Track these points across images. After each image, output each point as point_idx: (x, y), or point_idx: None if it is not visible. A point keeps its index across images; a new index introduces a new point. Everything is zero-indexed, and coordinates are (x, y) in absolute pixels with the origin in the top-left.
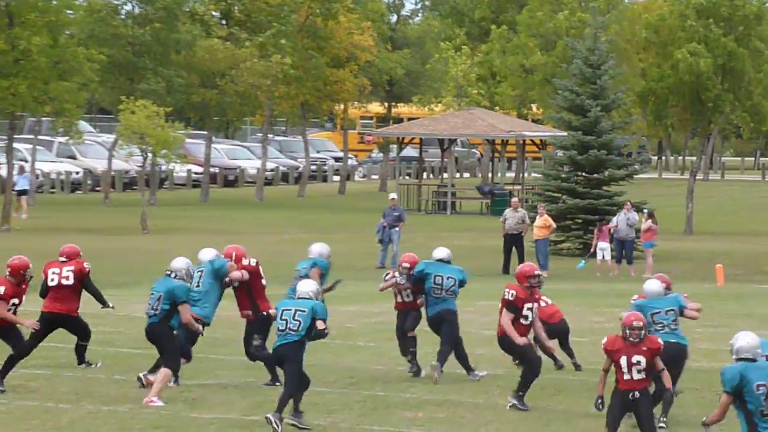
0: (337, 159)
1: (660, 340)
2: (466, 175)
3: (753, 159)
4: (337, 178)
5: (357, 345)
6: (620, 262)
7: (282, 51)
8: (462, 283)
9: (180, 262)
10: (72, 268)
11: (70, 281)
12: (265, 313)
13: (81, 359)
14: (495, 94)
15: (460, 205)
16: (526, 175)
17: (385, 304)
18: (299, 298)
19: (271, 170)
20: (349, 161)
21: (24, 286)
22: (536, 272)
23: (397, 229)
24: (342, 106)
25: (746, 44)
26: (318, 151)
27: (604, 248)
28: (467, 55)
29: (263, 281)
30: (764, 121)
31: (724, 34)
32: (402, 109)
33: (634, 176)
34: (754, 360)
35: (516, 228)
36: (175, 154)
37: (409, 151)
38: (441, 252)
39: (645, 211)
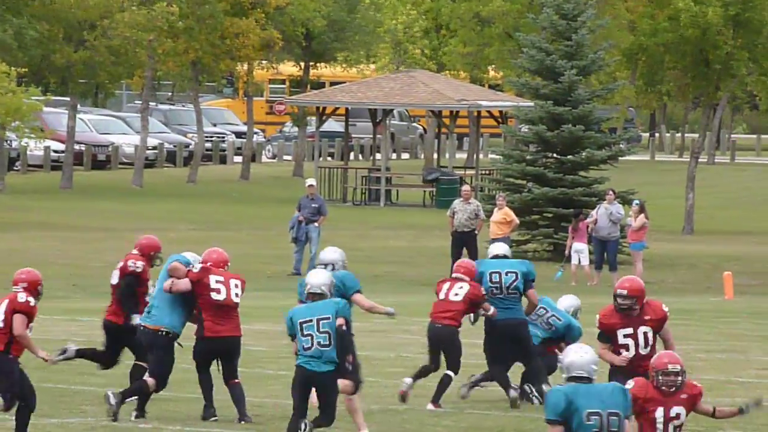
0: (238, 134)
1: (697, 384)
2: (405, 156)
3: None
4: (239, 159)
5: (264, 374)
6: (601, 267)
7: None
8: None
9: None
10: None
11: None
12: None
13: None
14: (442, 53)
15: (397, 195)
16: (481, 156)
17: None
18: (313, 295)
19: (154, 148)
20: (255, 137)
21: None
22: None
23: (316, 224)
24: (245, 67)
25: None
26: (215, 124)
27: (580, 250)
28: (408, 0)
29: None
30: None
31: None
32: (323, 70)
33: (620, 158)
34: (589, 380)
35: (467, 224)
36: (30, 127)
37: (333, 125)
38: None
39: (636, 203)
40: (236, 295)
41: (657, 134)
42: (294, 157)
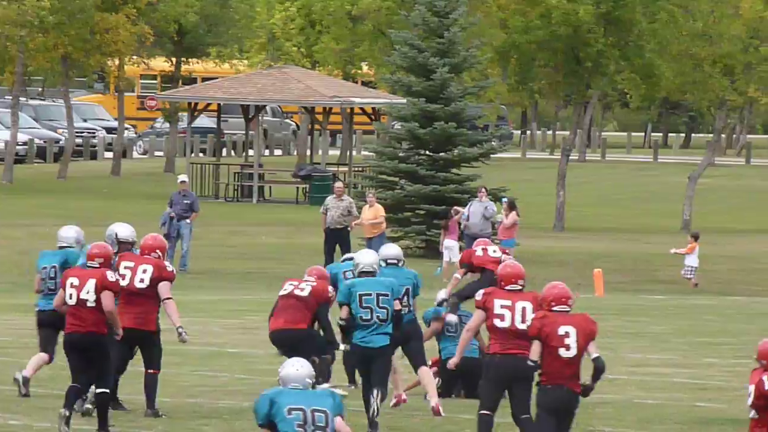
0: (109, 130)
1: None
2: (278, 152)
3: (642, 134)
4: (109, 154)
5: (132, 370)
6: None
7: None
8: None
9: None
10: None
11: None
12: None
13: None
14: (316, 50)
15: (269, 191)
16: (354, 153)
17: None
18: (366, 273)
19: (24, 144)
20: (126, 133)
21: None
22: None
23: (188, 221)
24: (116, 62)
25: None
26: (85, 120)
27: (450, 247)
28: None
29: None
30: (659, 84)
31: None
32: (195, 66)
33: (492, 156)
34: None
35: (340, 221)
36: None
37: (205, 121)
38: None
39: (505, 200)
40: (140, 280)
41: (528, 132)
42: (165, 153)
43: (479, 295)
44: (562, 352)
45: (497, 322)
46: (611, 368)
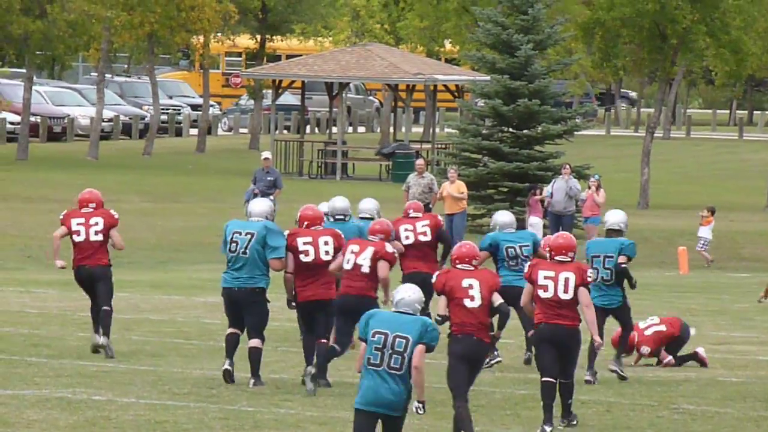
0: (194, 107)
1: None
2: (362, 129)
3: (727, 112)
4: (194, 131)
5: (218, 347)
6: None
7: None
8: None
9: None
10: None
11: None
12: None
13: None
14: (399, 27)
15: (353, 168)
16: (437, 130)
17: None
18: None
19: (109, 120)
20: (211, 110)
21: None
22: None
23: (271, 197)
24: (201, 39)
25: None
26: (170, 97)
27: (534, 224)
28: None
29: None
30: (745, 61)
31: None
32: (279, 43)
33: (575, 133)
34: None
35: (421, 198)
36: None
37: (289, 98)
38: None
39: (596, 177)
40: (326, 252)
41: (613, 109)
42: (250, 130)
43: (526, 267)
44: (467, 302)
45: (541, 293)
46: (695, 346)
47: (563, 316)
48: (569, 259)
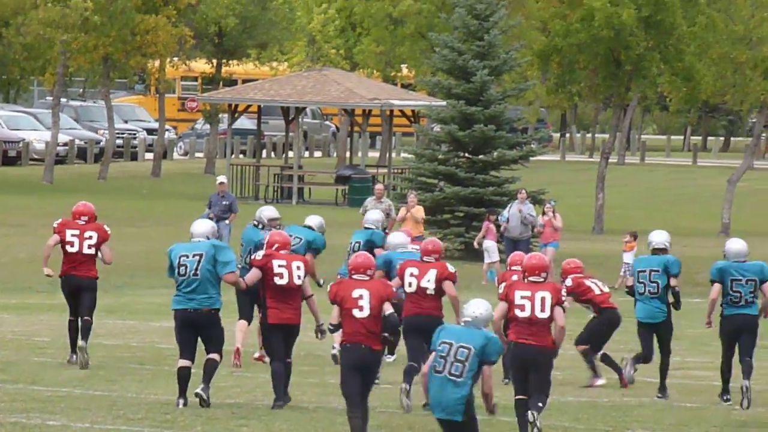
0: (150, 131)
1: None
2: (318, 154)
3: (682, 138)
4: (150, 155)
5: (173, 372)
6: None
7: None
8: None
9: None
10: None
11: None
12: None
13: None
14: (356, 51)
15: (309, 193)
16: (393, 155)
17: None
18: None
19: (65, 144)
20: (166, 134)
21: None
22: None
23: (227, 222)
24: (156, 63)
25: None
26: (126, 121)
27: (489, 248)
28: None
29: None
30: (699, 87)
31: None
32: (236, 68)
33: (531, 158)
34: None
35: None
36: None
37: (245, 123)
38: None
39: (552, 203)
40: (298, 277)
41: (568, 135)
42: (206, 154)
43: (501, 287)
44: (356, 312)
45: (518, 312)
46: (650, 371)
47: (535, 335)
48: (542, 280)
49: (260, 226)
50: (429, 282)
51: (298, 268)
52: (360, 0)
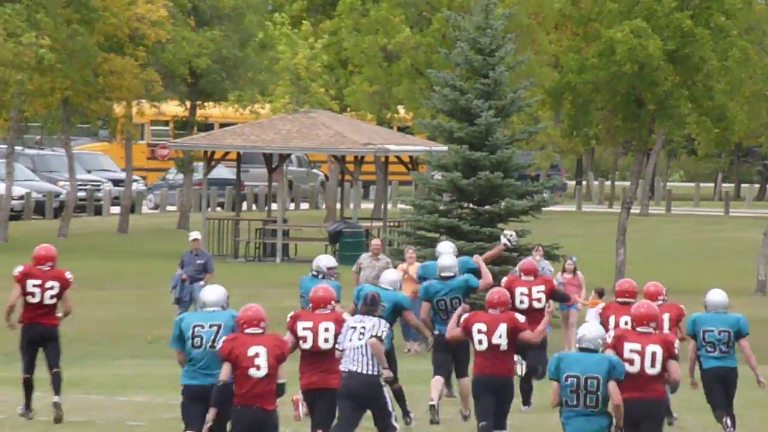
0: (116, 182)
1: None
2: (305, 206)
3: (712, 185)
4: (116, 209)
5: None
6: None
7: (37, 29)
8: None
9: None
10: None
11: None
12: None
13: None
14: (346, 92)
15: (295, 250)
16: (389, 206)
17: (176, 395)
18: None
19: (20, 198)
20: (134, 185)
21: None
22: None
23: (201, 283)
24: (123, 107)
25: (705, 21)
26: (89, 171)
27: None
28: (308, 33)
29: None
30: (731, 128)
31: (677, 8)
32: (212, 110)
33: (543, 209)
34: (595, 351)
35: (375, 283)
36: None
37: (223, 172)
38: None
39: (573, 260)
40: (325, 340)
41: (584, 182)
42: (179, 208)
43: (610, 337)
44: (252, 372)
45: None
46: None
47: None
48: (652, 330)
49: (320, 276)
50: (501, 338)
51: (326, 330)
52: (350, 34)
